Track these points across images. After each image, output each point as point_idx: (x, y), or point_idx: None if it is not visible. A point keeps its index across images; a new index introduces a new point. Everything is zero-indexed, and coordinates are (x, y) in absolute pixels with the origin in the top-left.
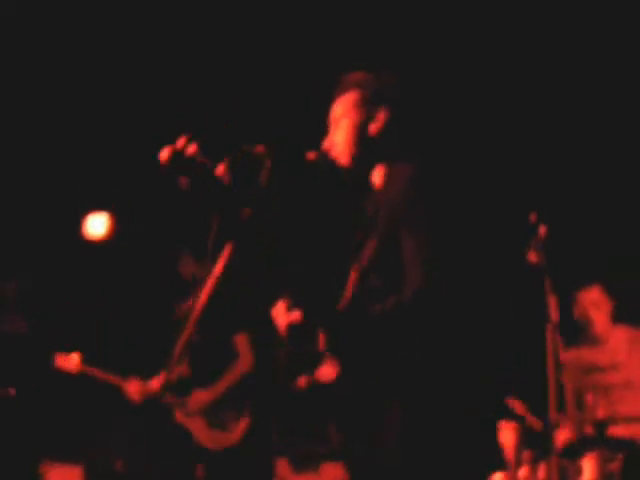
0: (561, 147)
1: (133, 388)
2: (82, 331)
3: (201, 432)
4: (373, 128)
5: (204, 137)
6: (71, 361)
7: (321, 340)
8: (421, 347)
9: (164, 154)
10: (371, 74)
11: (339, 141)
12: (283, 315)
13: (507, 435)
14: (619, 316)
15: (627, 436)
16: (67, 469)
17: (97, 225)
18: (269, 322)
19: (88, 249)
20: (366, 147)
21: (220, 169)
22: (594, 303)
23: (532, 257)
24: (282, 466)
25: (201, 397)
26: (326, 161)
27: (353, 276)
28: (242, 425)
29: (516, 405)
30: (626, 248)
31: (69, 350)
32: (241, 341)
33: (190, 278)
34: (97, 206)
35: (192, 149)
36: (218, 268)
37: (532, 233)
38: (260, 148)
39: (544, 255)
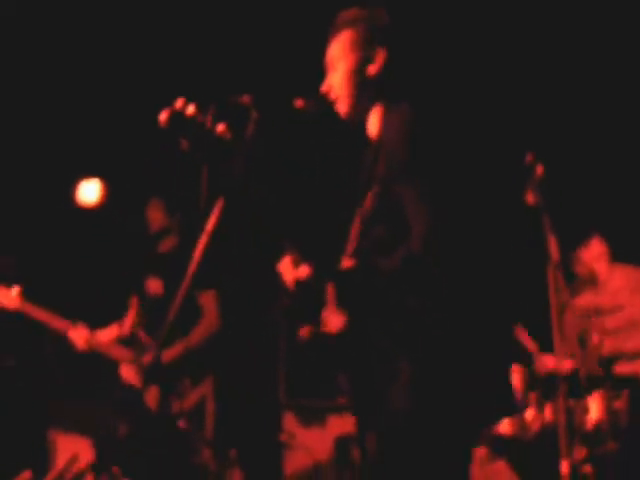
0: (556, 88)
1: (79, 334)
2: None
3: (151, 396)
4: (372, 69)
5: (189, 90)
6: (8, 296)
7: (329, 293)
8: (430, 298)
9: (163, 116)
10: (363, 11)
11: (337, 83)
12: (290, 270)
13: (513, 378)
14: (616, 257)
15: (632, 373)
16: (76, 437)
17: (89, 192)
18: (273, 277)
19: (81, 216)
20: (365, 88)
21: (220, 127)
22: (596, 257)
23: (530, 198)
24: (289, 419)
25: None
26: (321, 106)
27: (356, 226)
28: (195, 395)
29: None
30: (620, 189)
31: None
32: (207, 300)
33: (157, 228)
34: (89, 173)
35: (191, 109)
36: (210, 224)
37: (529, 173)
38: (246, 98)
39: (542, 195)
